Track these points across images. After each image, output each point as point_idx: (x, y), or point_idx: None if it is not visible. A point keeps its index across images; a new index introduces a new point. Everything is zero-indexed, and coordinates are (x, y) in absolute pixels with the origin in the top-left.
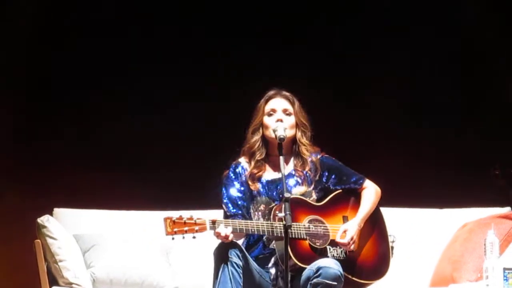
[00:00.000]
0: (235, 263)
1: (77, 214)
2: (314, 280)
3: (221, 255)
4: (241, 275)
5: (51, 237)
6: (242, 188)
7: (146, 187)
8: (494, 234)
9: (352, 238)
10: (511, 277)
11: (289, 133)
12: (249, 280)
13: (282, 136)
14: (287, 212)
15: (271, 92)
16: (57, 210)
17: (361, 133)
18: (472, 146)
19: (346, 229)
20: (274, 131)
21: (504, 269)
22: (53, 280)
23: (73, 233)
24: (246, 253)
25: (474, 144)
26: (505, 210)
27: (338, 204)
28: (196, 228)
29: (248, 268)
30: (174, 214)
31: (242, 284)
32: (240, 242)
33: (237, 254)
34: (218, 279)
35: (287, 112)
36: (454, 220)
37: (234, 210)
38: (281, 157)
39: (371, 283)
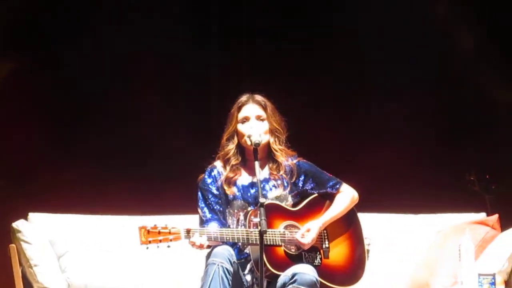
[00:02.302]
0: (226, 269)
1: (52, 218)
2: (290, 286)
3: (214, 259)
4: (231, 282)
5: (26, 242)
6: (218, 193)
7: (122, 192)
8: (469, 239)
9: (312, 240)
10: (486, 282)
11: (264, 138)
12: (236, 286)
13: (257, 142)
14: (262, 218)
15: (243, 99)
16: (32, 215)
17: (338, 138)
18: (448, 152)
19: (309, 228)
20: (249, 137)
21: (479, 274)
22: (28, 284)
23: (48, 238)
24: (236, 259)
25: (450, 150)
26: (480, 216)
27: (314, 209)
28: (171, 237)
29: (235, 274)
30: (149, 222)
31: None
32: None
33: (229, 260)
34: (208, 283)
35: (261, 118)
36: (430, 226)
37: (210, 215)
38: (256, 162)
39: None
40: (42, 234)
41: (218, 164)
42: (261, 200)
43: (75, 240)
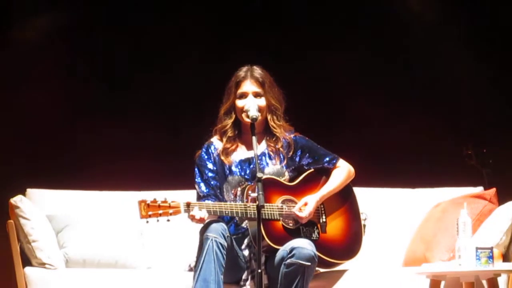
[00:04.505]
0: (220, 243)
1: (50, 194)
2: (288, 261)
3: (208, 234)
4: (225, 256)
5: (24, 218)
6: (215, 168)
7: (119, 168)
8: (467, 213)
9: (310, 214)
10: (483, 256)
11: (261, 114)
12: (231, 261)
13: (254, 116)
14: (260, 192)
15: (242, 74)
16: (30, 191)
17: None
18: (445, 126)
19: (306, 202)
20: (246, 111)
21: (477, 248)
22: (26, 260)
23: (46, 213)
24: (230, 233)
25: (447, 123)
26: (478, 189)
27: (311, 183)
28: (171, 211)
29: (230, 249)
30: (148, 196)
31: (224, 265)
32: None
33: (222, 234)
34: (203, 258)
35: (258, 95)
36: (427, 200)
37: (207, 190)
38: (253, 137)
39: (345, 262)
40: (40, 209)
41: (214, 139)
42: (259, 175)
43: (73, 215)
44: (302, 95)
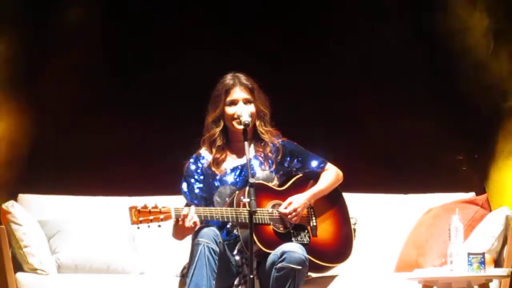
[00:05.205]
0: (212, 249)
1: (42, 200)
2: (279, 265)
3: (199, 239)
4: (217, 262)
5: (16, 223)
6: (202, 178)
7: (111, 173)
8: (459, 219)
9: (295, 210)
10: (475, 262)
11: (251, 120)
12: (223, 267)
13: (247, 122)
14: (252, 198)
15: (230, 82)
16: (22, 196)
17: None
18: (437, 131)
19: (291, 201)
20: (239, 117)
21: (469, 254)
22: (18, 266)
23: (38, 219)
24: (221, 239)
25: (439, 129)
26: (470, 195)
27: (300, 188)
28: (161, 216)
29: (222, 254)
30: (139, 202)
31: (216, 271)
32: None
33: (214, 240)
34: (194, 264)
35: (248, 101)
36: (419, 206)
37: (196, 202)
38: (246, 143)
39: (336, 266)
40: (32, 215)
41: (203, 150)
42: (251, 180)
43: (65, 221)
44: (301, 95)
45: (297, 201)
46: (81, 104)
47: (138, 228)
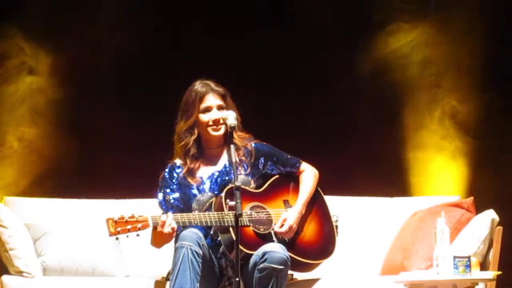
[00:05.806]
0: (196, 251)
1: (28, 202)
2: (261, 265)
3: (182, 242)
4: (200, 265)
5: (1, 226)
6: (177, 188)
7: (97, 176)
8: (444, 222)
9: (290, 227)
10: (461, 265)
11: (225, 126)
12: (207, 270)
13: (233, 125)
14: (238, 201)
15: (203, 89)
16: (8, 199)
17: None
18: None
19: (285, 218)
20: (225, 119)
21: (454, 257)
22: (3, 268)
23: (24, 221)
24: (205, 242)
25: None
26: (455, 198)
27: (277, 188)
28: (139, 225)
29: (206, 257)
30: (116, 214)
31: (200, 273)
32: None
33: (197, 243)
34: (178, 267)
35: (221, 107)
36: (405, 209)
37: (172, 211)
38: (232, 146)
39: (321, 263)
40: (18, 217)
41: (177, 161)
42: (237, 183)
43: (51, 223)
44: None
45: (291, 218)
46: (68, 105)
47: (117, 239)
